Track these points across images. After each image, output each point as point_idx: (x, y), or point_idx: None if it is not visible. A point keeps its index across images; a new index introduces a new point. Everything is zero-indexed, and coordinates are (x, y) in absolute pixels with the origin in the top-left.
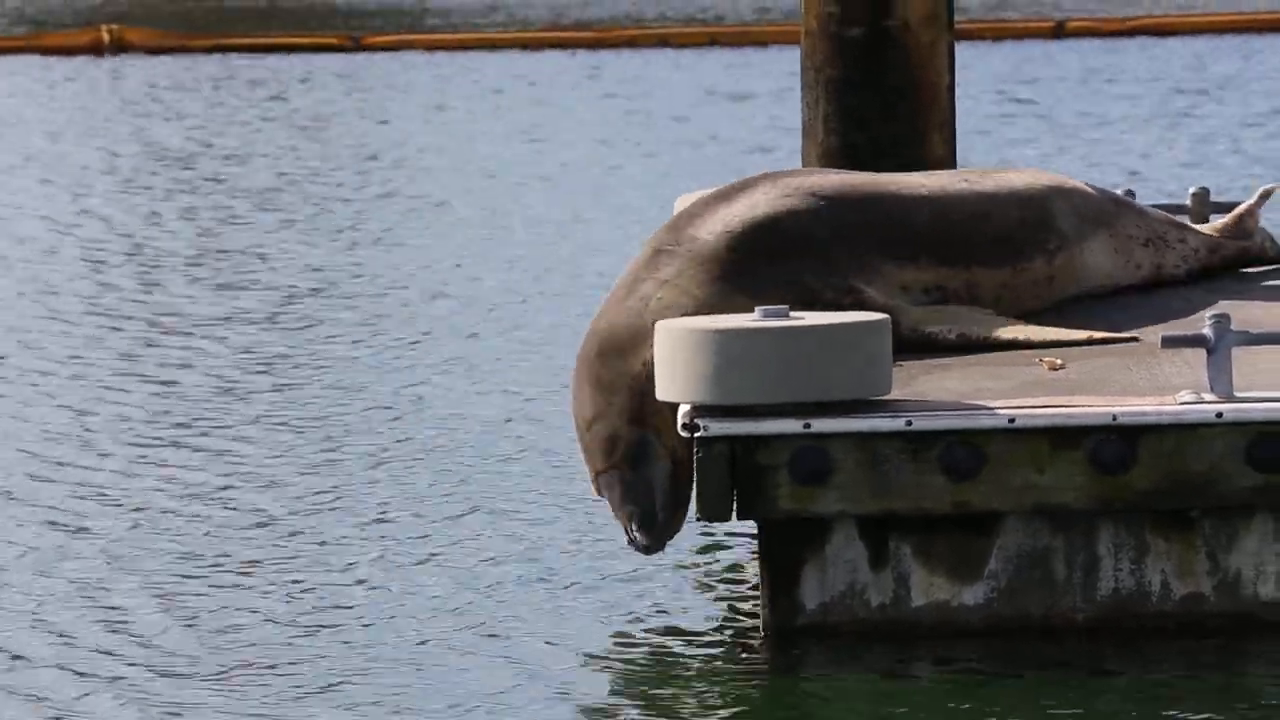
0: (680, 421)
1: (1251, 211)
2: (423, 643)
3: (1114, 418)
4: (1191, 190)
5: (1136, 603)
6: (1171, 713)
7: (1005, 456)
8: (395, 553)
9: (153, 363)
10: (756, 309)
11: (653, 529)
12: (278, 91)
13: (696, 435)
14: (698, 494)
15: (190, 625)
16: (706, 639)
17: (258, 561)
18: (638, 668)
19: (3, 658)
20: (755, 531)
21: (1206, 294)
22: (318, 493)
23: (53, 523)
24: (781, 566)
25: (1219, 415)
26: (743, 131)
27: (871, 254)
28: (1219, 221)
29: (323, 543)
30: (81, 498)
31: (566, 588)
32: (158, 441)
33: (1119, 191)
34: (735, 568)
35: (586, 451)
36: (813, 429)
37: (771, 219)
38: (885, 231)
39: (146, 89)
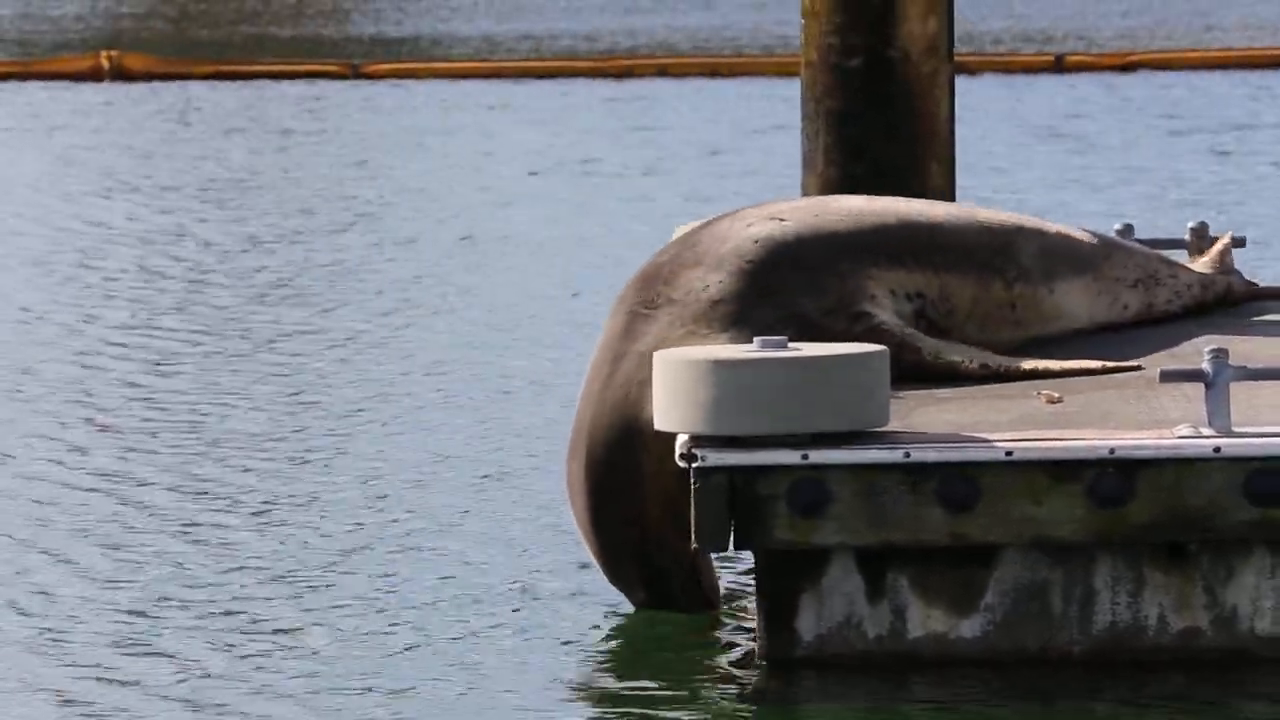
0: (678, 452)
1: (1229, 247)
2: (408, 669)
3: (1111, 451)
4: (1190, 225)
5: (1133, 636)
6: None
7: (1003, 489)
8: (393, 567)
9: (152, 380)
10: (755, 340)
11: (685, 612)
12: (277, 119)
13: (694, 466)
14: (695, 524)
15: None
16: (702, 669)
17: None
18: (632, 697)
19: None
20: (753, 562)
21: (1202, 329)
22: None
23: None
24: (778, 597)
25: (1217, 450)
26: (741, 162)
27: (852, 262)
28: (1203, 259)
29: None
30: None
31: (558, 614)
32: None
33: (1117, 226)
34: (732, 598)
35: (602, 573)
36: (811, 460)
37: (748, 258)
38: (857, 237)
39: (145, 115)
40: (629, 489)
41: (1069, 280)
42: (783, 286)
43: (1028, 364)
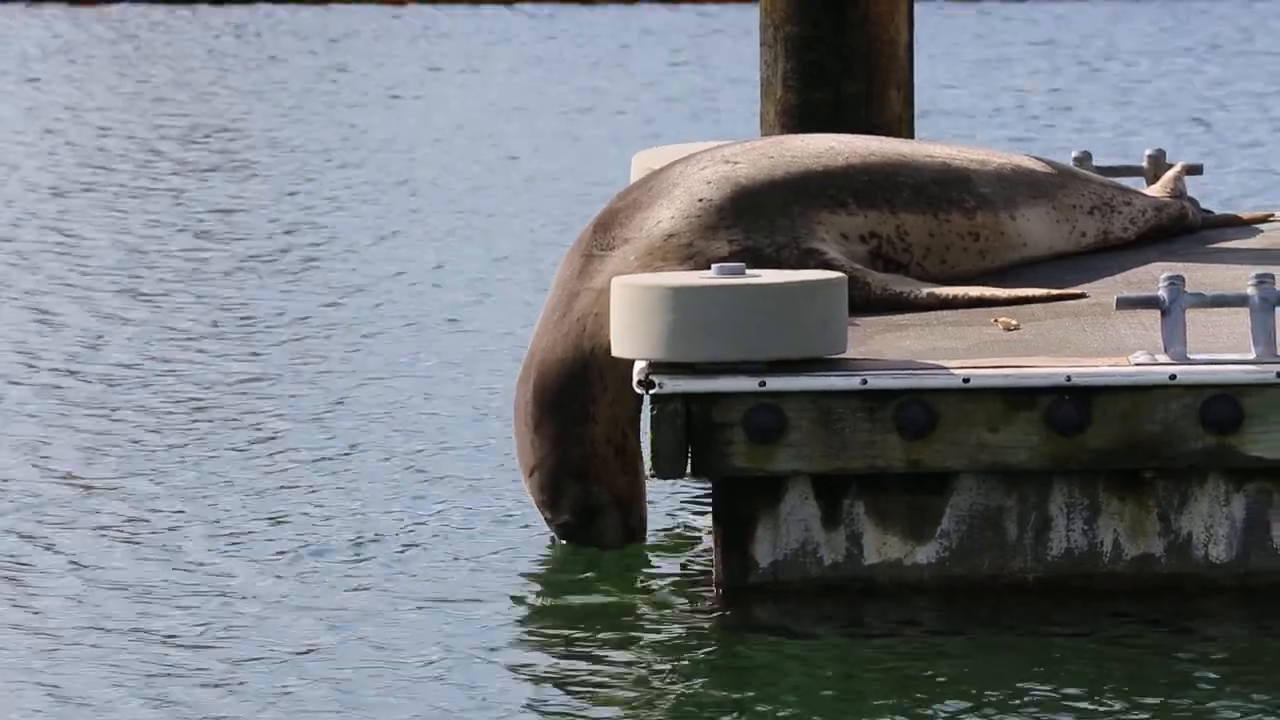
0: (635, 378)
1: (1181, 173)
2: (377, 606)
3: (1068, 378)
4: (1147, 152)
5: (1088, 563)
6: (1120, 672)
7: (959, 416)
8: (346, 531)
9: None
10: (713, 266)
11: (610, 547)
12: (248, 40)
13: (651, 392)
14: (652, 451)
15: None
16: (659, 597)
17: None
18: (589, 625)
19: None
20: (709, 489)
21: (1159, 256)
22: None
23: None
24: (735, 524)
25: (1172, 377)
26: (702, 89)
27: (804, 205)
28: (1156, 185)
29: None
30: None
31: (517, 546)
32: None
33: (1075, 153)
34: (688, 525)
35: (530, 495)
36: (767, 387)
37: (700, 196)
38: (810, 181)
39: (124, 34)
40: (578, 419)
41: (1029, 207)
42: (735, 223)
43: (974, 292)
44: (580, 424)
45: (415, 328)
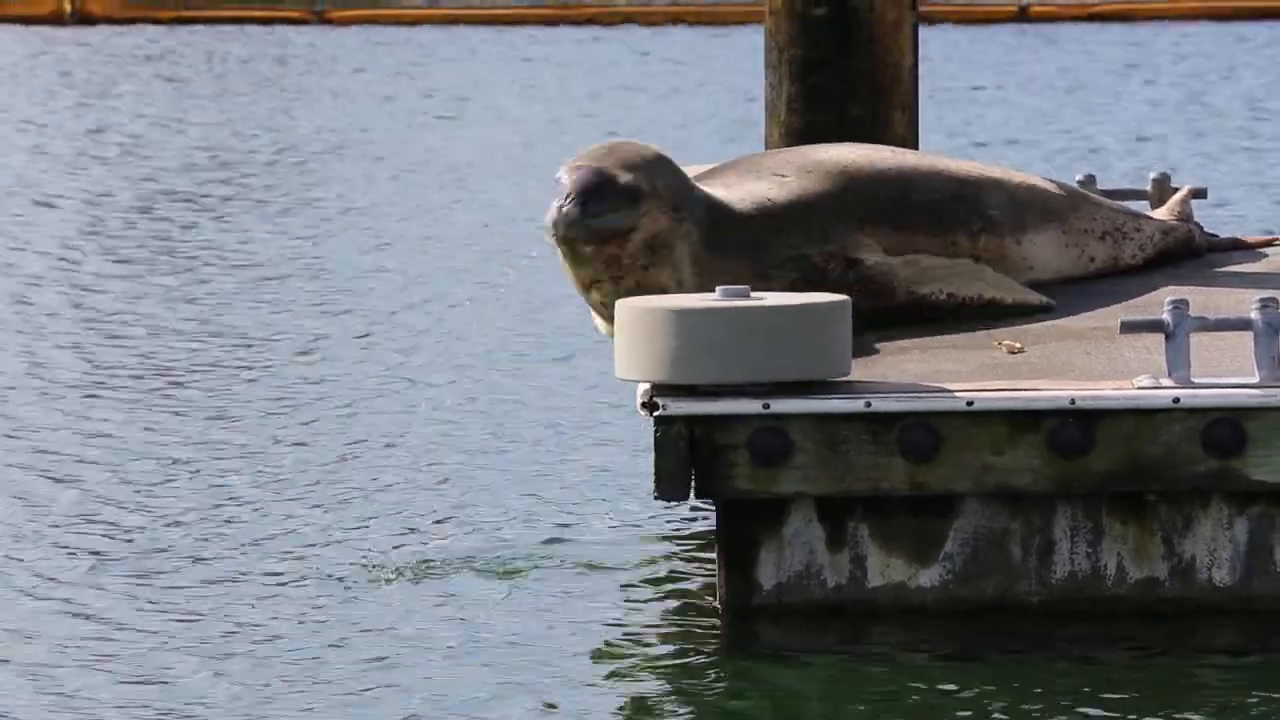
0: (639, 401)
1: (1187, 196)
2: (386, 619)
3: (1072, 401)
4: (1152, 176)
5: (1091, 586)
6: (1123, 695)
7: (963, 439)
8: (365, 538)
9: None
10: (717, 289)
11: (583, 216)
12: (240, 65)
13: (655, 414)
14: (655, 473)
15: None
16: (663, 618)
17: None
18: (594, 646)
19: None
20: (714, 511)
21: (1163, 280)
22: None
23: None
24: (739, 546)
25: (1176, 400)
26: (705, 112)
27: (844, 216)
28: (1163, 208)
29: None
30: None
31: (523, 568)
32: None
33: (1079, 176)
34: (693, 547)
35: (562, 181)
36: (772, 409)
37: (751, 201)
38: (837, 197)
39: (108, 60)
40: (640, 180)
41: (1037, 232)
42: (791, 229)
43: (989, 292)
44: (652, 166)
45: (418, 354)
